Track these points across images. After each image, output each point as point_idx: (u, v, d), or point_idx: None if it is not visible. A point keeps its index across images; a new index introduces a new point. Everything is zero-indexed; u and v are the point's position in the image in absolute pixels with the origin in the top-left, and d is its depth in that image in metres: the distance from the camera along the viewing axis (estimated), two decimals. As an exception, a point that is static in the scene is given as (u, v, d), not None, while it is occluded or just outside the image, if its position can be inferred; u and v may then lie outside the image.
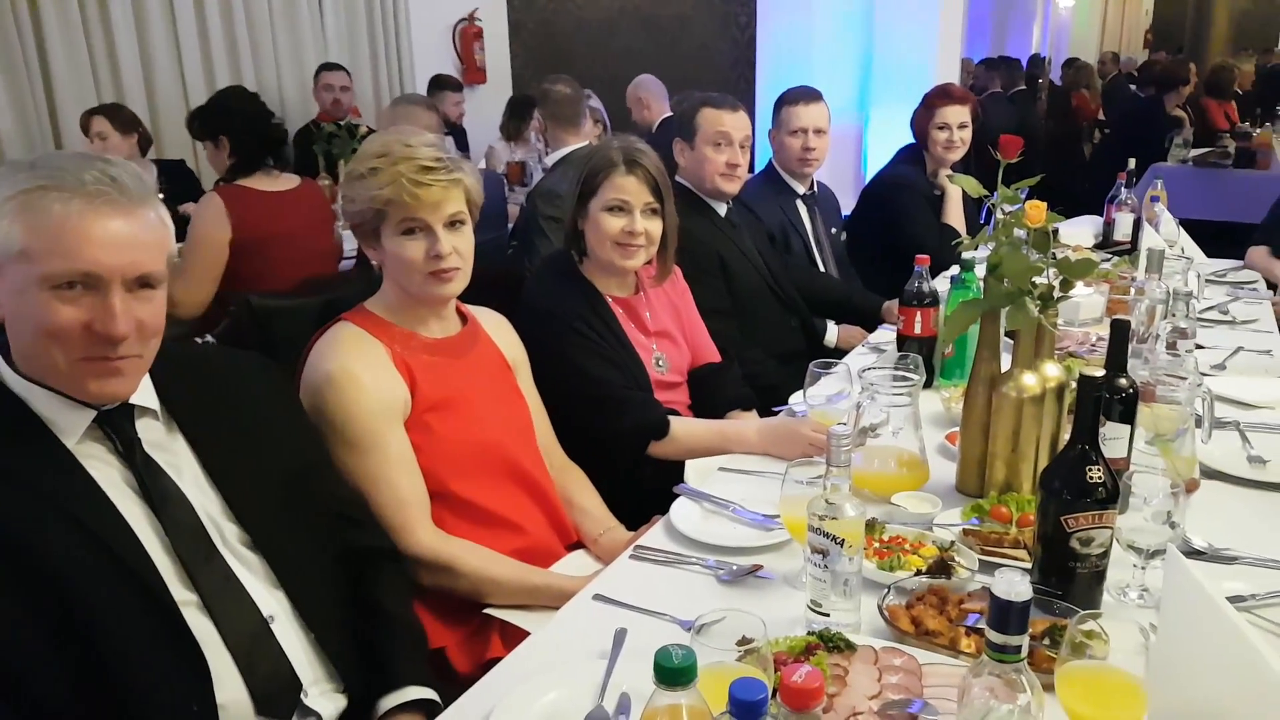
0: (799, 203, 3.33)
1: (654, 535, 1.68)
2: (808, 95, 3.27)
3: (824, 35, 5.03)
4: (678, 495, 1.79)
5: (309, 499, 1.45)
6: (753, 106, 4.69)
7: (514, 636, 1.51)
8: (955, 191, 3.55)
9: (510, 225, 4.50)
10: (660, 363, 2.23)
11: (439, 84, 6.15)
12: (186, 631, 1.24)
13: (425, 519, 1.66)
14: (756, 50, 5.15)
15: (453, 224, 1.68)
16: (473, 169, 1.74)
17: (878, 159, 4.12)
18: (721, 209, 2.84)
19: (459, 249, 1.69)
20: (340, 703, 1.37)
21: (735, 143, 2.77)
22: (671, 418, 2.06)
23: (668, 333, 2.28)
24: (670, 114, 5.17)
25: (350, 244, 4.00)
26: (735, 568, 1.54)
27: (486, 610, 1.66)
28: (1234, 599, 1.44)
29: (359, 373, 1.63)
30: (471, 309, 1.88)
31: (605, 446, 2.06)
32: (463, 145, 6.09)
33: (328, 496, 1.50)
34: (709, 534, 1.66)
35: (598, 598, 1.49)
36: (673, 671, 0.85)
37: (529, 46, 6.82)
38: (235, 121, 3.25)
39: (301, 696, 1.32)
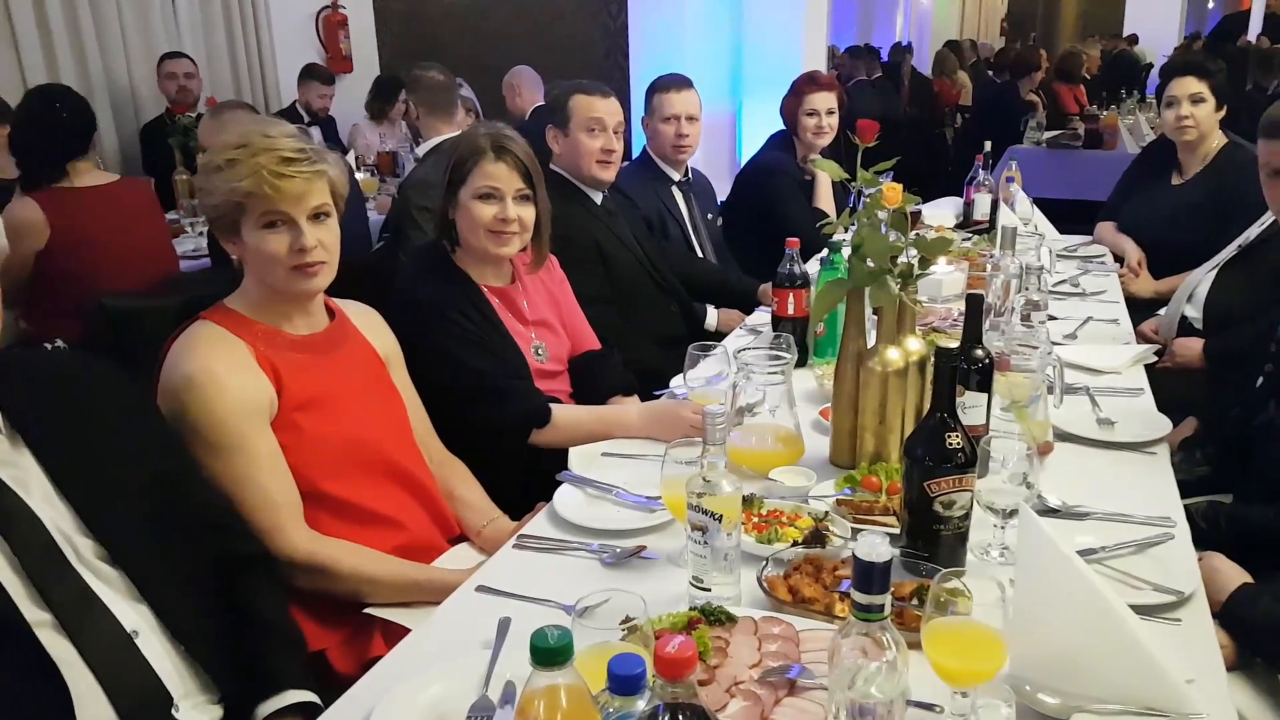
0: (675, 189, 3.37)
1: (537, 524, 1.68)
2: (679, 83, 3.31)
3: (694, 23, 5.09)
4: (561, 483, 1.79)
5: (171, 508, 1.39)
6: (627, 94, 4.71)
7: (397, 635, 1.48)
8: (825, 176, 3.65)
9: (380, 216, 4.41)
10: (540, 352, 2.23)
11: (308, 74, 5.97)
12: (42, 653, 1.18)
13: (297, 521, 1.61)
14: (629, 38, 5.17)
15: (317, 216, 1.64)
16: (337, 160, 1.69)
17: (752, 145, 4.19)
18: (598, 197, 2.85)
19: (324, 242, 1.64)
20: (215, 714, 1.33)
21: (609, 129, 2.78)
22: (553, 405, 2.07)
23: (546, 322, 2.28)
24: (543, 102, 5.16)
25: (191, 243, 3.89)
26: (619, 550, 1.56)
27: (367, 610, 1.63)
28: (1085, 552, 1.53)
29: (220, 373, 1.57)
30: (340, 303, 1.84)
31: (487, 437, 2.04)
32: (331, 136, 5.93)
33: (192, 504, 1.45)
34: (593, 519, 1.67)
35: (481, 589, 1.48)
36: (549, 652, 0.86)
37: (397, 34, 6.66)
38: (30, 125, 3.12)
39: (173, 711, 1.28)
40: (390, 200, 4.30)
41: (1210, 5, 15.27)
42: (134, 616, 1.29)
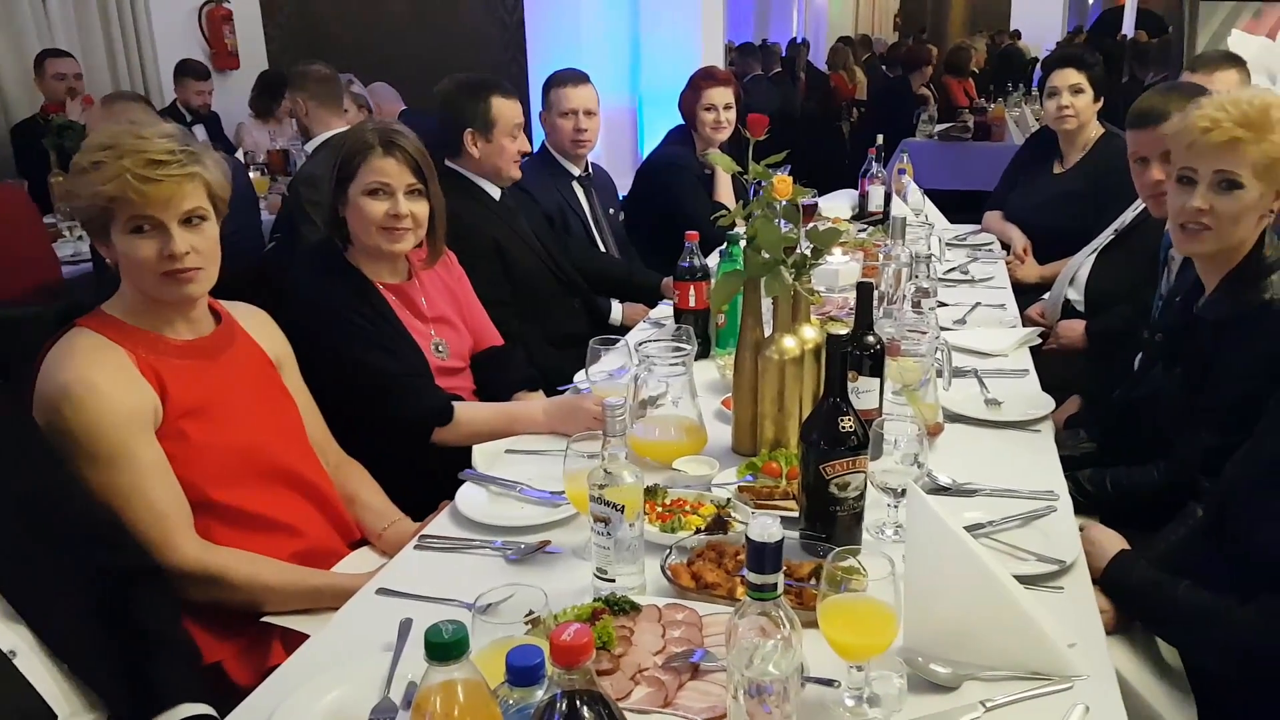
0: (575, 184, 3.37)
1: (439, 523, 1.67)
2: (575, 77, 3.31)
3: (591, 19, 5.09)
4: (463, 481, 1.78)
5: (49, 524, 1.34)
6: (526, 89, 4.69)
7: (297, 642, 1.45)
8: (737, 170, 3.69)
9: (274, 216, 4.29)
10: (440, 349, 2.20)
11: (182, 70, 5.76)
12: None
13: (187, 531, 1.57)
14: (526, 34, 5.14)
15: (189, 220, 1.57)
16: (218, 161, 1.64)
17: (652, 140, 4.22)
18: (496, 193, 2.83)
19: (198, 247, 1.58)
20: (105, 731, 1.28)
21: (522, 129, 2.79)
22: (455, 403, 2.05)
23: (446, 318, 2.25)
24: (405, 108, 5.12)
25: (70, 248, 3.72)
26: (523, 546, 1.56)
27: (265, 619, 1.60)
28: (974, 527, 1.59)
29: (98, 382, 1.51)
30: (227, 305, 1.78)
31: (387, 438, 2.01)
32: (216, 134, 5.75)
33: (73, 518, 1.39)
34: (496, 516, 1.67)
35: (381, 592, 1.46)
36: (443, 646, 0.86)
37: (285, 30, 6.46)
38: None
39: (58, 730, 1.23)
40: (280, 198, 4.19)
41: (1091, 1, 15.93)
42: (11, 637, 1.24)
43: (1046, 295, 3.27)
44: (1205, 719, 1.47)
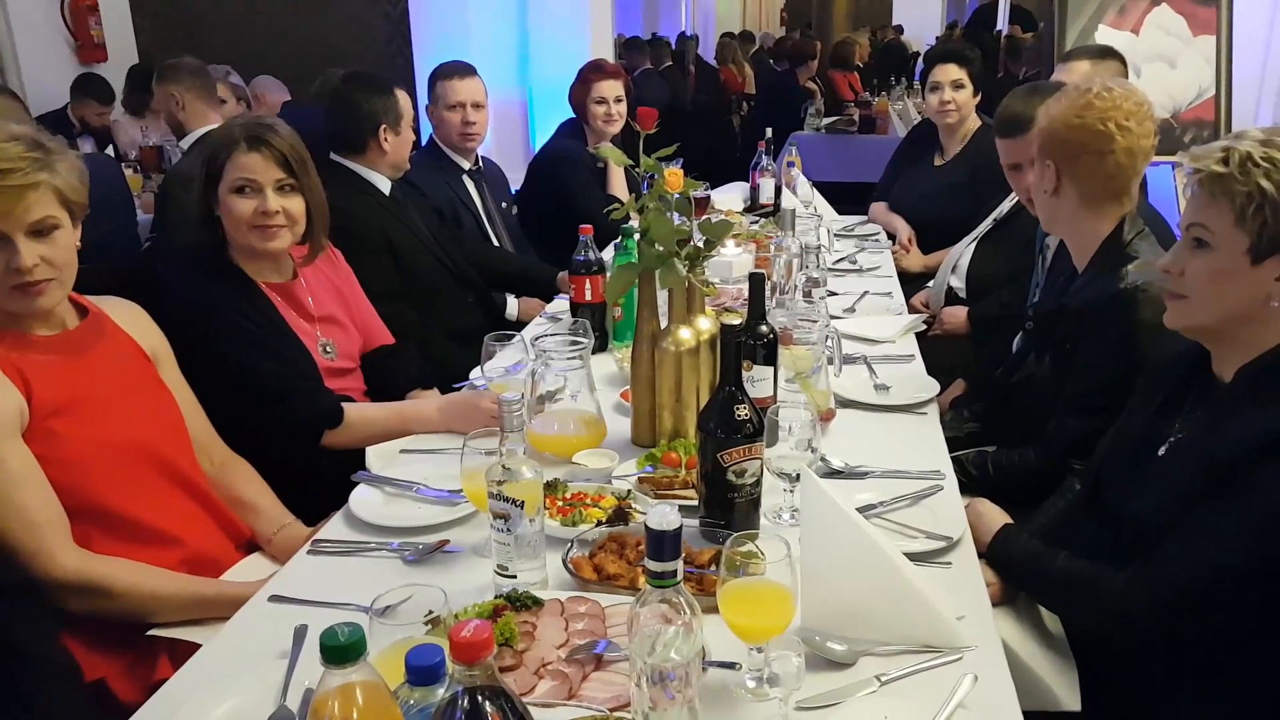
0: (465, 178, 3.33)
1: (333, 527, 1.63)
2: (461, 70, 3.27)
3: (478, 10, 5.03)
4: (357, 484, 1.74)
5: None
6: (413, 83, 4.59)
7: (187, 655, 1.39)
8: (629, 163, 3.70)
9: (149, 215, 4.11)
10: (328, 349, 2.15)
11: (84, 89, 5.37)
12: None
13: (64, 539, 1.49)
14: (411, 26, 5.04)
15: (38, 231, 1.49)
16: (71, 166, 1.54)
17: (544, 133, 4.19)
18: (385, 187, 2.78)
19: (50, 258, 1.50)
20: (-22, 759, 1.21)
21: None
22: (345, 405, 2.00)
23: (333, 317, 2.20)
24: (289, 99, 4.98)
25: None
26: (421, 546, 1.54)
27: (151, 632, 1.53)
28: (866, 507, 1.64)
29: None
30: (94, 299, 1.70)
31: (275, 442, 1.96)
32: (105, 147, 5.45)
33: None
34: (392, 517, 1.64)
35: (274, 599, 1.42)
36: (340, 649, 0.84)
37: (157, 20, 6.14)
38: None
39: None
40: (154, 197, 4.02)
41: (968, -4, 16.50)
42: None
43: (931, 283, 3.39)
44: (1087, 682, 1.54)
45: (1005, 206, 3.12)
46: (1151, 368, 1.64)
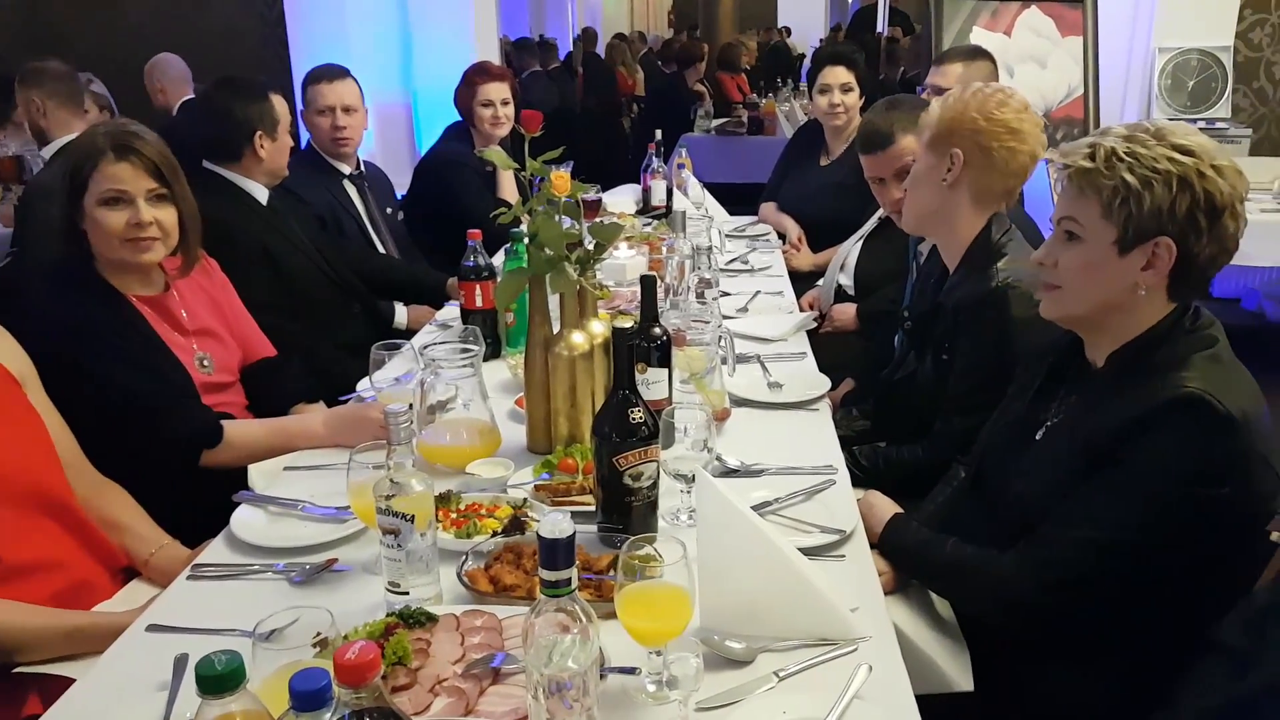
0: (347, 183, 3.25)
1: (214, 550, 1.56)
2: (331, 73, 3.20)
3: (357, 11, 4.91)
4: (238, 504, 1.67)
5: None
6: (290, 87, 4.45)
7: (59, 691, 1.31)
8: (514, 167, 3.66)
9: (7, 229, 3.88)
10: (205, 363, 2.06)
11: None
12: None
13: None
14: (287, 28, 4.89)
15: None
16: None
17: (430, 136, 4.11)
18: (262, 195, 2.69)
19: None
20: None
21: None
22: (225, 422, 1.92)
23: (210, 330, 2.11)
24: (193, 95, 4.77)
25: None
26: (308, 567, 1.48)
27: (18, 669, 1.44)
28: (761, 505, 1.66)
29: None
30: None
31: (150, 463, 1.86)
32: None
33: None
34: (277, 537, 1.58)
35: (152, 628, 1.35)
36: (217, 678, 0.80)
37: (11, 23, 5.79)
38: None
39: None
40: (14, 210, 3.80)
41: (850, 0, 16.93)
42: None
43: (820, 281, 3.45)
44: (978, 662, 1.59)
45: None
46: (1029, 356, 1.70)
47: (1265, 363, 5.20)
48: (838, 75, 3.62)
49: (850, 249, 3.32)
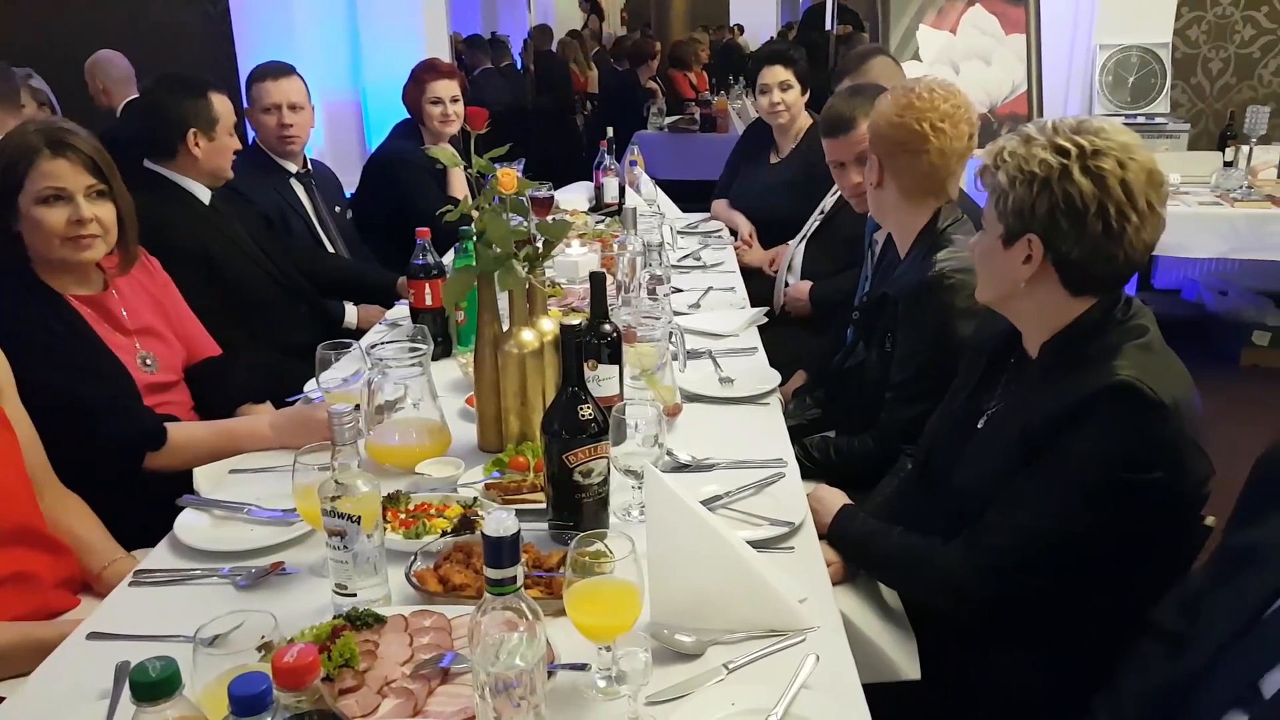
0: (293, 182, 3.20)
1: (157, 555, 1.54)
2: (276, 70, 3.16)
3: (304, 7, 4.84)
4: (182, 508, 1.64)
5: None
6: (237, 85, 4.38)
7: (-4, 706, 1.29)
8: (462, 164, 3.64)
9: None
10: (148, 362, 2.02)
11: None
12: None
13: None
14: (233, 25, 4.81)
15: None
16: None
17: (380, 134, 4.07)
18: (205, 195, 2.64)
19: None
20: None
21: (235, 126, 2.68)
22: (169, 424, 1.88)
23: (152, 329, 2.07)
24: (137, 95, 4.66)
25: None
26: (253, 570, 1.46)
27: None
28: (712, 499, 1.67)
29: None
30: None
31: (94, 466, 1.82)
32: None
33: None
34: (222, 541, 1.56)
35: (93, 636, 1.33)
36: (151, 685, 0.79)
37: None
38: None
39: None
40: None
41: (801, -2, 17.02)
42: None
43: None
44: (925, 651, 1.61)
45: (829, 202, 3.24)
46: (971, 347, 1.73)
47: (1205, 352, 5.36)
48: (776, 74, 3.66)
49: (795, 250, 3.35)
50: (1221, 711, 1.04)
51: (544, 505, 1.57)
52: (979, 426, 1.60)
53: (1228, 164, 4.48)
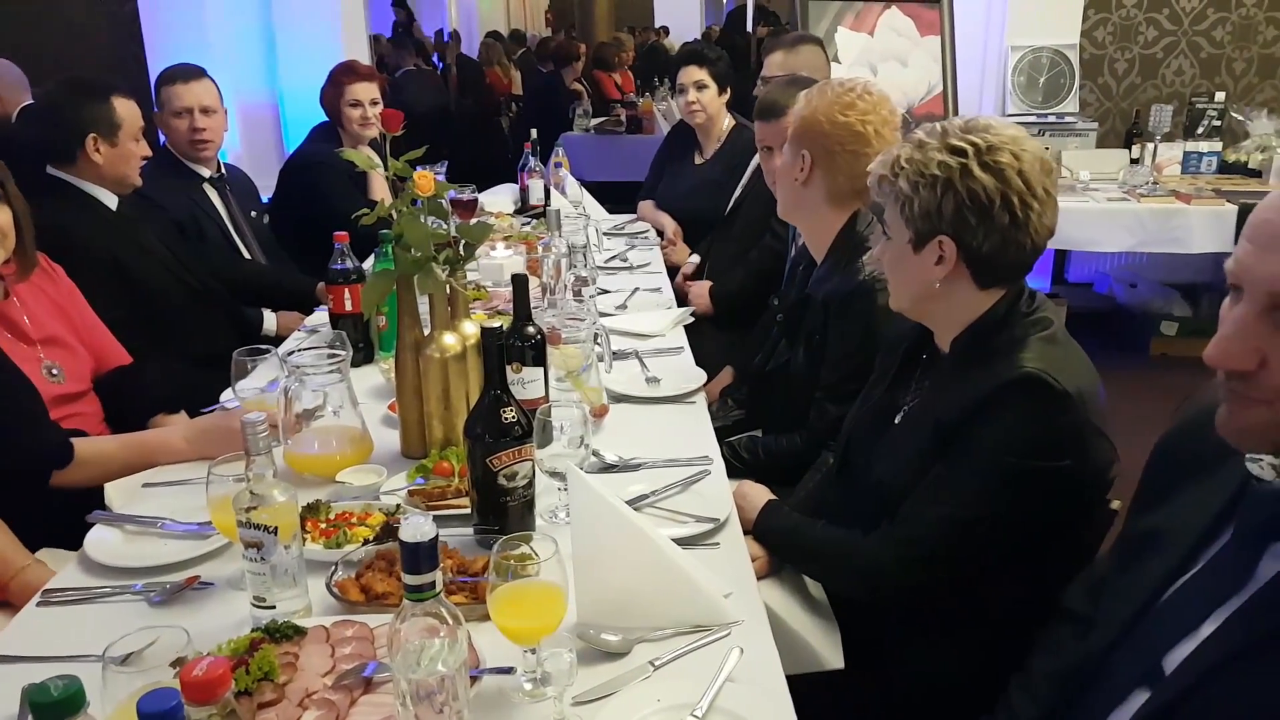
0: (207, 187, 3.12)
1: (67, 574, 1.48)
2: (186, 73, 3.09)
3: (217, 7, 4.72)
4: (92, 524, 1.59)
5: None
6: (147, 89, 4.26)
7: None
8: (379, 167, 3.59)
9: None
10: (54, 372, 1.95)
11: None
12: None
13: None
14: (142, 26, 4.66)
15: None
16: None
17: (299, 137, 3.99)
18: (112, 201, 2.56)
19: None
20: None
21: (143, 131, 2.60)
22: (76, 440, 1.82)
23: (57, 338, 2.00)
24: (31, 100, 4.50)
25: None
26: (168, 586, 1.43)
27: None
28: (638, 498, 1.68)
29: None
30: None
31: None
32: None
33: None
34: (135, 557, 1.51)
35: (-1, 660, 1.28)
36: (51, 706, 0.77)
37: None
38: None
39: None
40: None
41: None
42: None
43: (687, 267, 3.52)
44: (849, 641, 1.64)
45: (735, 193, 3.29)
46: (886, 344, 1.77)
47: (1117, 342, 5.55)
48: (691, 74, 3.69)
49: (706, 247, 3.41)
50: (1127, 688, 1.08)
51: (469, 510, 1.56)
52: (896, 421, 1.63)
53: (1134, 161, 4.66)
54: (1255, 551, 1.00)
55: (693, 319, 2.86)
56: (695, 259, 3.54)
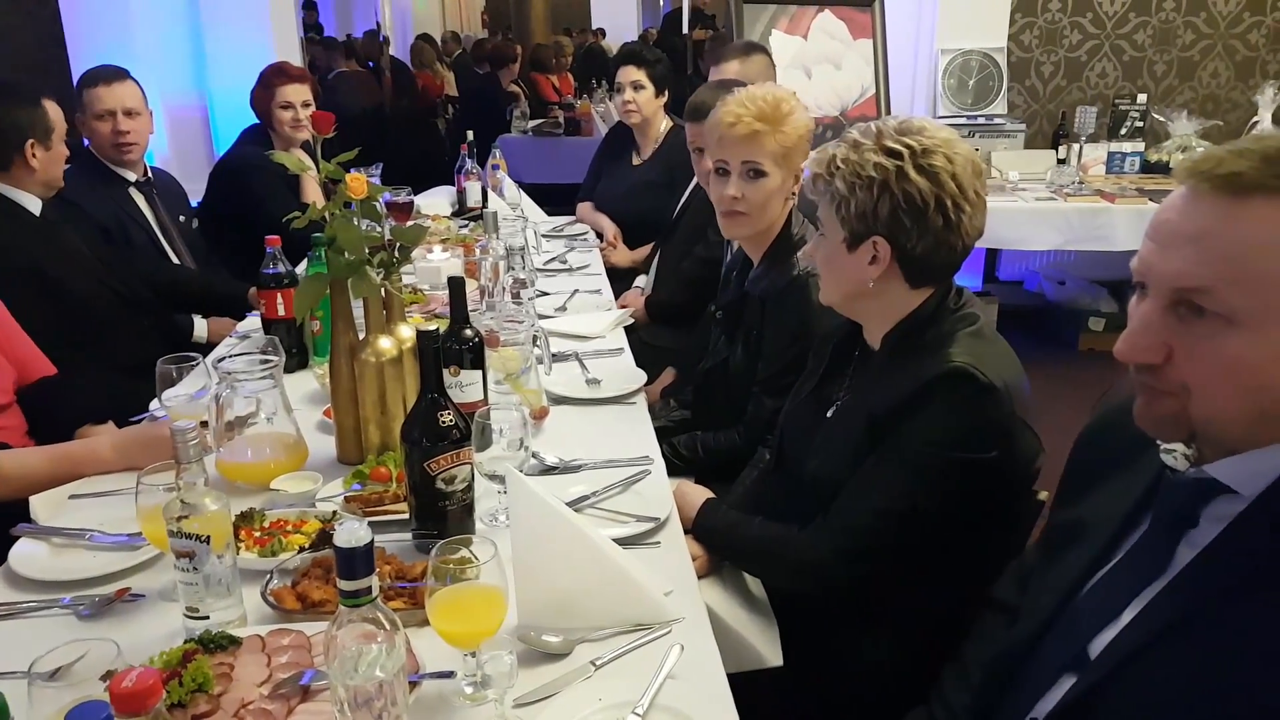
0: (133, 191, 3.05)
1: (-10, 590, 1.44)
2: (109, 75, 3.02)
3: (142, 7, 4.61)
4: (16, 538, 1.55)
5: None
6: (69, 91, 4.15)
7: None
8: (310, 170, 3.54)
9: None
10: (-27, 387, 1.90)
11: None
12: None
13: None
14: (64, 26, 4.53)
15: None
16: None
17: (232, 140, 3.92)
18: (35, 207, 2.49)
19: None
20: None
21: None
22: (-4, 454, 1.77)
23: (-24, 350, 1.94)
24: None
25: None
26: (98, 599, 1.39)
27: None
28: (579, 499, 1.68)
29: None
30: None
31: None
32: None
33: None
34: (62, 570, 1.47)
35: (-88, 681, 1.23)
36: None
37: None
38: None
39: None
40: None
41: (662, 1, 17.22)
42: None
43: (638, 280, 3.52)
44: (787, 637, 1.66)
45: (682, 198, 3.30)
46: (818, 339, 1.80)
47: (1047, 338, 5.68)
48: (629, 74, 3.71)
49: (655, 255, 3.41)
50: (1054, 674, 1.11)
51: (407, 515, 1.55)
52: (829, 416, 1.66)
53: (1061, 161, 4.78)
54: (1171, 539, 1.03)
55: (633, 320, 2.87)
56: (641, 281, 3.51)
